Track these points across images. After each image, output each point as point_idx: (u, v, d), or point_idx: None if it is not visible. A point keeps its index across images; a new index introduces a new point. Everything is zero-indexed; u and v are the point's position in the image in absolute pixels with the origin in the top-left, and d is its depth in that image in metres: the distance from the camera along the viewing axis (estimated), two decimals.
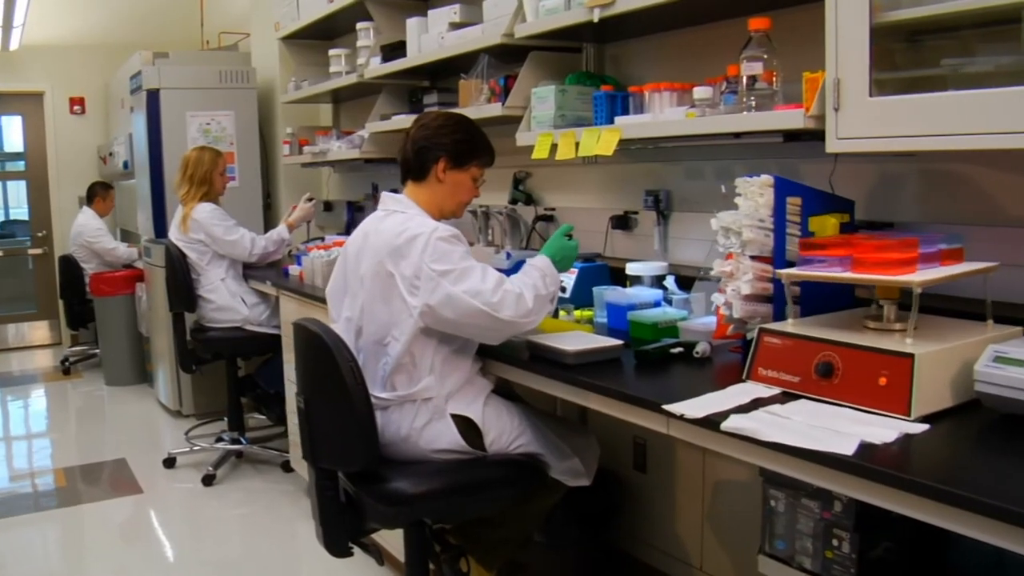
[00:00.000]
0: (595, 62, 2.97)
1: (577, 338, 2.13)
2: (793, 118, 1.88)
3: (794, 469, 1.45)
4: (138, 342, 6.11)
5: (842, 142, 1.76)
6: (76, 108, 7.57)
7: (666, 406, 1.64)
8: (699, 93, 2.19)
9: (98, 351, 6.48)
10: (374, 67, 3.73)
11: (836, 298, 1.92)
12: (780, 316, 1.86)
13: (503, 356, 2.21)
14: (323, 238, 4.50)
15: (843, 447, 1.36)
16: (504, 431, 2.20)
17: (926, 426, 1.46)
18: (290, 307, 3.78)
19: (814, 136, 1.89)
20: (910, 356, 1.50)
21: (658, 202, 2.76)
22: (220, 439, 4.46)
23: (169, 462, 4.41)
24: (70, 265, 6.46)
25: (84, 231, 6.33)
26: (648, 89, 2.40)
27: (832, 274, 1.71)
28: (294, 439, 3.90)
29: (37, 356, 7.49)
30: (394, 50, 3.59)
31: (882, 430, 1.43)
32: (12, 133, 7.79)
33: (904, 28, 1.79)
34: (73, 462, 4.62)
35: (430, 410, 2.15)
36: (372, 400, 2.07)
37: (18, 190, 7.85)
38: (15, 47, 7.18)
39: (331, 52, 4.25)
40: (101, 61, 7.32)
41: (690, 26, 2.62)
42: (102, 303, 6.14)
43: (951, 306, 1.86)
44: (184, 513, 3.95)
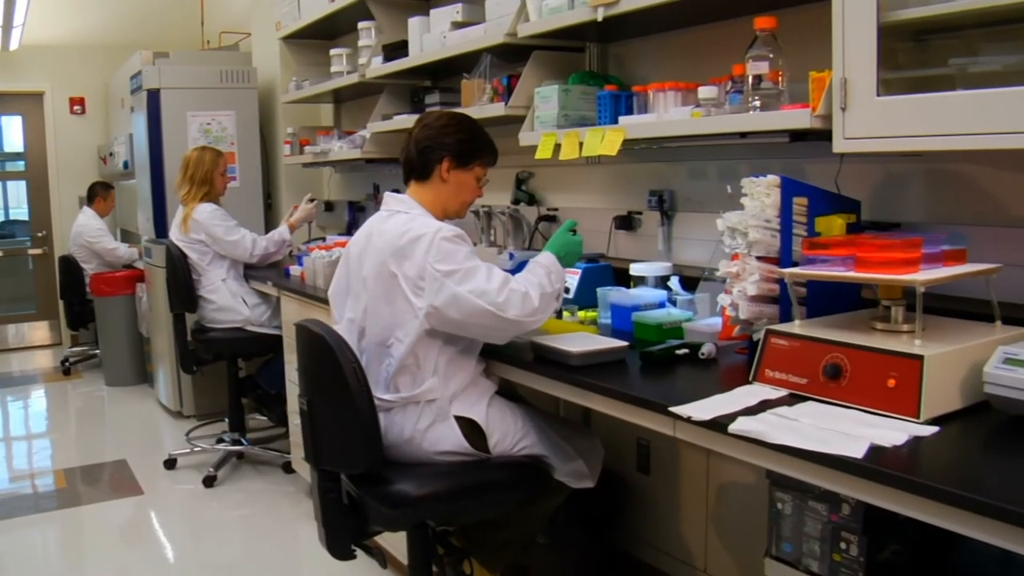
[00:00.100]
0: (598, 62, 2.96)
1: (581, 339, 2.12)
2: (800, 118, 1.87)
3: (802, 472, 1.44)
4: (138, 342, 6.10)
5: (849, 142, 1.75)
6: (76, 108, 7.56)
7: (673, 408, 1.63)
8: (704, 93, 2.18)
9: (98, 352, 6.47)
10: (376, 67, 3.72)
11: (842, 299, 1.91)
12: (786, 317, 1.85)
13: (507, 357, 2.20)
14: (324, 238, 4.49)
15: (853, 450, 1.34)
16: (508, 433, 2.19)
17: (935, 428, 1.45)
18: (291, 308, 3.77)
19: (820, 136, 1.89)
20: (919, 358, 1.49)
21: (662, 202, 2.74)
22: (221, 440, 4.45)
23: (170, 463, 4.40)
24: (70, 265, 6.45)
25: (84, 231, 6.31)
26: (652, 89, 2.39)
27: (835, 273, 1.70)
28: (295, 440, 3.89)
29: (37, 356, 7.47)
30: (396, 50, 3.58)
31: (891, 432, 1.42)
32: (12, 133, 7.78)
33: (911, 27, 1.78)
34: (73, 463, 4.60)
35: (434, 412, 2.13)
36: (375, 402, 2.06)
37: (18, 190, 7.84)
38: (15, 47, 7.17)
39: (332, 52, 4.23)
40: (101, 61, 7.32)
41: (694, 25, 2.60)
42: (102, 303, 6.13)
43: (953, 306, 1.85)
44: (185, 514, 3.94)
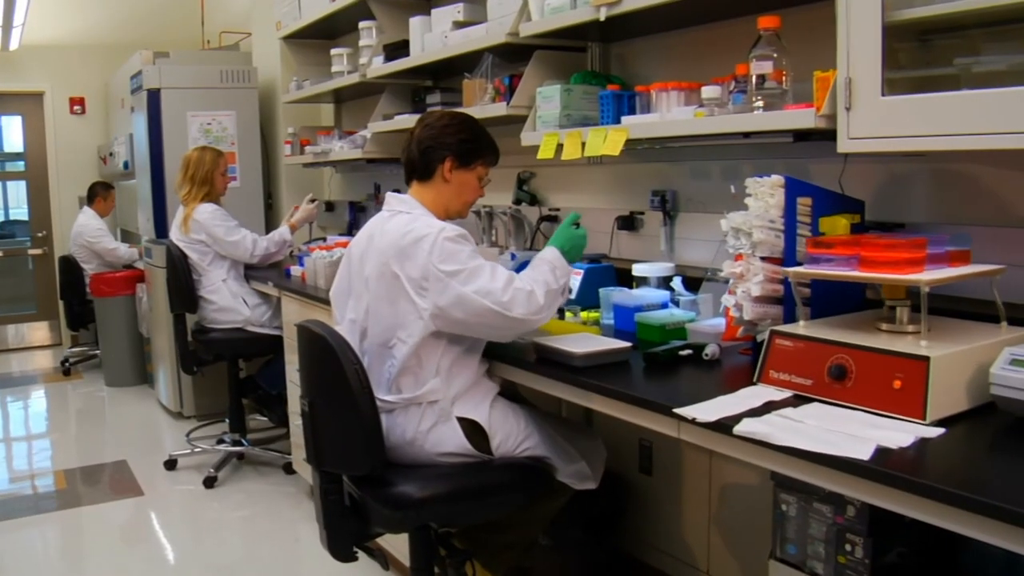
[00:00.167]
0: (600, 61, 2.95)
1: (584, 340, 2.11)
2: (804, 118, 1.86)
3: (808, 474, 1.43)
4: (139, 343, 6.09)
5: (854, 142, 1.74)
6: (76, 108, 7.55)
7: (677, 410, 1.62)
8: (708, 92, 2.17)
9: (98, 352, 6.46)
10: (376, 67, 3.71)
11: (846, 300, 1.90)
12: (790, 318, 1.84)
13: (509, 358, 2.19)
14: (325, 238, 4.48)
15: (860, 452, 1.33)
16: (511, 434, 2.18)
17: (942, 430, 1.44)
18: (292, 308, 3.76)
19: (823, 136, 1.88)
20: (925, 359, 1.48)
21: (664, 202, 2.74)
22: (221, 441, 4.45)
23: (170, 464, 4.39)
24: (70, 265, 6.44)
25: (84, 231, 6.30)
26: (655, 88, 2.38)
27: (839, 272, 1.69)
28: (296, 441, 3.88)
29: (37, 357, 7.46)
30: (397, 49, 3.57)
31: (898, 434, 1.41)
32: (12, 133, 7.77)
33: (916, 27, 1.78)
34: (73, 464, 4.60)
35: (436, 413, 2.12)
36: (377, 403, 2.05)
37: (18, 190, 7.83)
38: (15, 47, 7.16)
39: (333, 51, 4.23)
40: (101, 61, 7.31)
41: (697, 25, 2.59)
42: (102, 304, 6.12)
43: (956, 307, 1.84)
44: (185, 515, 3.93)
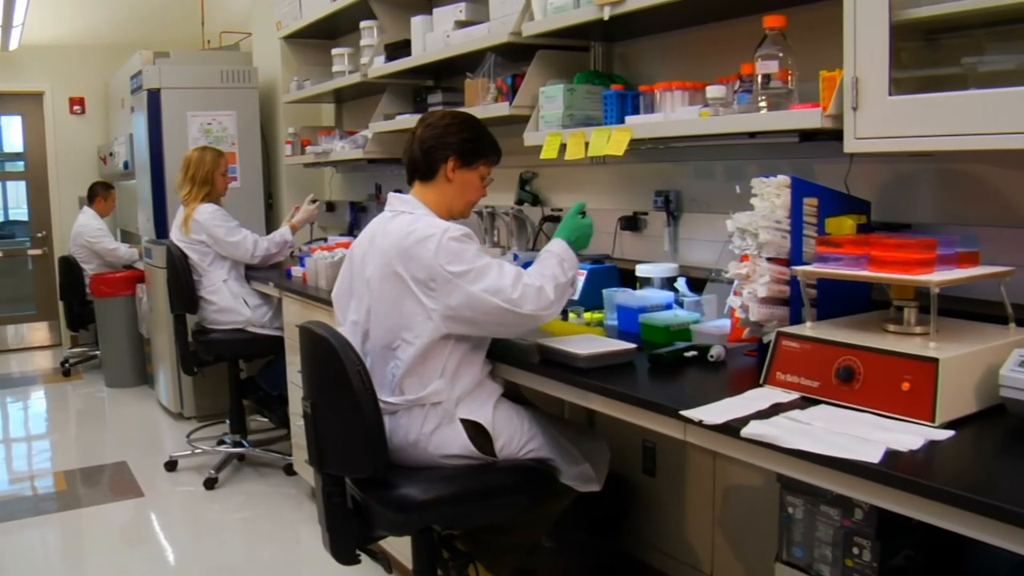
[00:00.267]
0: (603, 61, 2.94)
1: (588, 341, 2.10)
2: (810, 117, 1.84)
3: (817, 477, 1.41)
4: (139, 343, 6.08)
5: (861, 142, 1.73)
6: (76, 108, 7.53)
7: (684, 412, 1.61)
8: (712, 92, 2.16)
9: (98, 352, 6.44)
10: (378, 66, 3.70)
11: (852, 301, 1.89)
12: (797, 319, 1.83)
13: (513, 360, 2.18)
14: (326, 239, 4.46)
15: (869, 455, 1.32)
16: (514, 436, 2.17)
17: (951, 432, 1.43)
18: (293, 309, 3.75)
19: (830, 136, 1.86)
20: (934, 361, 1.47)
21: (668, 202, 2.72)
22: (222, 442, 4.43)
23: (170, 465, 4.38)
24: (70, 266, 6.42)
25: (84, 231, 6.29)
26: (659, 88, 2.36)
27: (849, 272, 1.68)
28: (297, 442, 3.87)
29: (37, 357, 7.45)
30: (398, 49, 3.56)
31: (907, 436, 1.39)
32: (12, 133, 7.75)
33: (923, 26, 1.76)
34: (73, 465, 4.58)
35: (439, 415, 2.11)
36: (380, 405, 2.04)
37: (18, 190, 7.81)
38: (15, 47, 7.15)
39: (334, 51, 4.21)
40: (101, 61, 7.29)
41: (701, 24, 2.58)
42: (102, 304, 6.10)
43: (964, 308, 1.83)
44: (185, 517, 3.91)
